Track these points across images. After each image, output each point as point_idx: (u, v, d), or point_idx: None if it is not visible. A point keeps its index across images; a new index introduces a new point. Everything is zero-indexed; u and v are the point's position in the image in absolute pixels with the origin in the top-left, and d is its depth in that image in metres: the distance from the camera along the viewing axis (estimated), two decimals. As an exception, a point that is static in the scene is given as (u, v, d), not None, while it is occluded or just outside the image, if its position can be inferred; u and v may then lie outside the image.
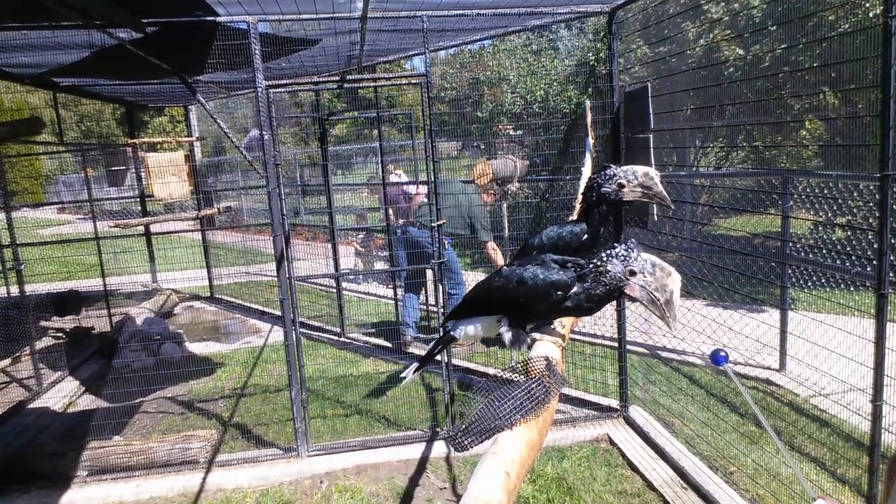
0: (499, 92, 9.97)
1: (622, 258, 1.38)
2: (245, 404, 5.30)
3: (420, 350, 6.25)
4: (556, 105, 9.24)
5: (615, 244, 1.42)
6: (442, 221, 4.40)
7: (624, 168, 1.74)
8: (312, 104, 7.28)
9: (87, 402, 5.61)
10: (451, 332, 1.66)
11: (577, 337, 6.18)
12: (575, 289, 1.43)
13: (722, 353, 1.77)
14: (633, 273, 1.37)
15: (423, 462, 4.23)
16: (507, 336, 1.55)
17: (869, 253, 5.31)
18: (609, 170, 1.76)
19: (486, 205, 6.27)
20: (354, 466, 4.20)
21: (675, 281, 1.36)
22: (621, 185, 1.74)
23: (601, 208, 1.79)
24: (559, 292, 1.42)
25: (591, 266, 1.43)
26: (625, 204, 1.75)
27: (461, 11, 4.08)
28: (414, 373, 1.68)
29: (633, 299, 1.40)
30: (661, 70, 7.28)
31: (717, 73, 8.54)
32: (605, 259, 1.40)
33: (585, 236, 1.85)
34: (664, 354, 5.68)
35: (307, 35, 4.64)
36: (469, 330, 1.62)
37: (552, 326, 1.63)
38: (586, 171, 2.98)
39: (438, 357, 4.21)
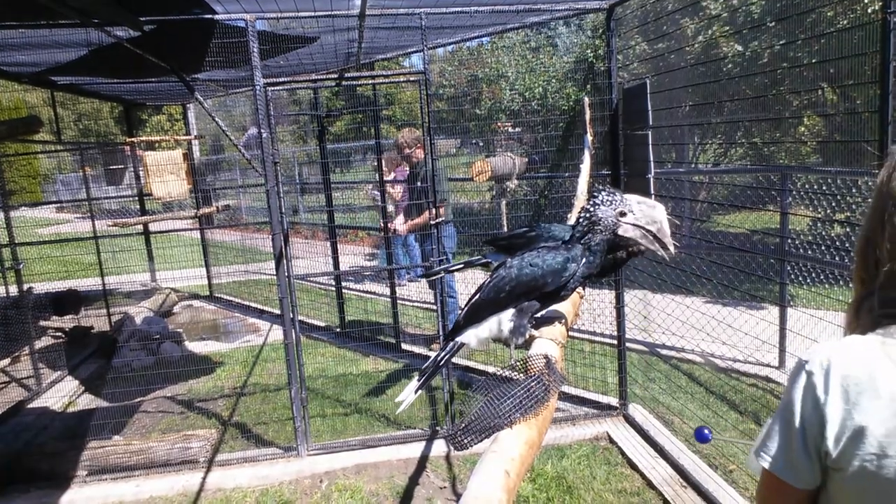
0: (497, 89, 9.97)
1: (608, 203, 1.48)
2: (245, 403, 5.30)
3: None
4: (554, 102, 9.24)
5: (594, 194, 1.51)
6: (441, 219, 4.39)
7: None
8: (311, 102, 7.26)
9: (87, 401, 5.60)
10: (461, 341, 1.61)
11: (576, 335, 6.18)
12: (582, 260, 1.51)
13: (706, 430, 1.83)
14: (623, 214, 1.47)
15: (422, 461, 4.23)
16: (508, 326, 1.54)
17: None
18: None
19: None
20: (354, 465, 4.20)
21: (660, 212, 1.48)
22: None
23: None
24: (573, 264, 1.50)
25: (583, 220, 1.51)
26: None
27: (459, 8, 4.07)
28: (416, 393, 1.57)
29: (629, 241, 1.50)
30: (660, 66, 7.27)
31: (716, 69, 8.53)
32: (593, 208, 1.49)
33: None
34: (663, 352, 5.68)
35: (305, 33, 4.63)
36: (482, 332, 1.58)
37: (553, 325, 1.63)
38: (585, 167, 2.98)
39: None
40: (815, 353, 0.99)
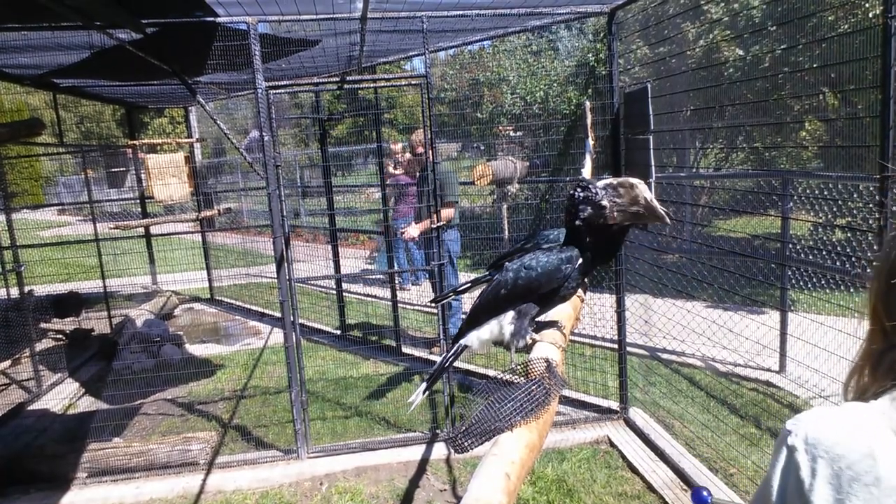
0: (498, 93, 9.98)
1: (584, 199, 1.42)
2: (245, 406, 5.29)
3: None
4: (555, 106, 9.25)
5: (571, 192, 1.46)
6: (442, 223, 4.40)
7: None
8: (312, 105, 7.27)
9: (87, 403, 5.60)
10: (464, 343, 1.63)
11: (577, 339, 6.18)
12: (579, 260, 1.49)
13: (704, 492, 1.78)
14: (602, 207, 1.41)
15: (423, 464, 4.22)
16: (509, 329, 1.54)
17: (869, 254, 5.30)
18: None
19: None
20: (354, 468, 4.19)
21: (640, 188, 1.39)
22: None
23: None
24: (568, 265, 1.47)
25: (568, 227, 1.48)
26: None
27: (461, 12, 4.08)
28: (424, 393, 1.61)
29: (620, 224, 1.43)
30: (661, 71, 7.27)
31: (717, 73, 8.53)
32: (574, 210, 1.45)
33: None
34: (664, 356, 5.67)
35: (307, 36, 4.64)
36: (483, 334, 1.59)
37: (554, 328, 1.63)
38: (586, 172, 2.98)
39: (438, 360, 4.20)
40: (800, 424, 0.79)
